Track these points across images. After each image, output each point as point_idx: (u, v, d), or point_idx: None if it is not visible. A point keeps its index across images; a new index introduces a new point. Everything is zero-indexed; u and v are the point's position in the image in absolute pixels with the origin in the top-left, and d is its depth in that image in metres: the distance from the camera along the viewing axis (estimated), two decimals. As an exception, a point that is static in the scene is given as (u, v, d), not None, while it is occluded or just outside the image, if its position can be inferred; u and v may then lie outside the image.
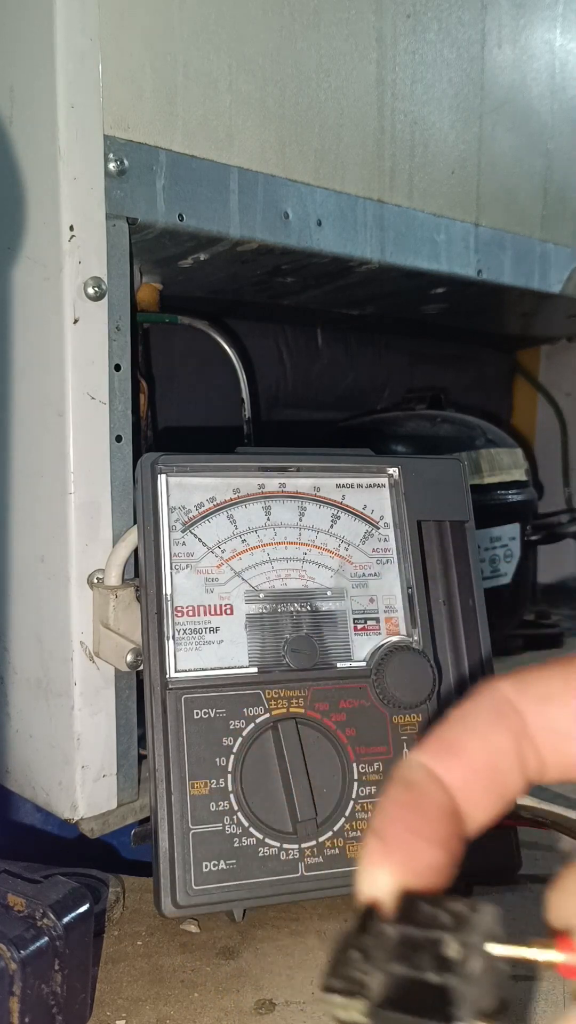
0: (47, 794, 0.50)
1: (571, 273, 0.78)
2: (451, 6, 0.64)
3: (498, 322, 0.94)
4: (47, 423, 0.47)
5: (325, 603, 0.46)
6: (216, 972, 0.40)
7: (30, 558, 0.50)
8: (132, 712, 0.50)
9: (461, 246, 0.67)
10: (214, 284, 0.67)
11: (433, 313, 0.83)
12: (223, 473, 0.46)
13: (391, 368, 0.98)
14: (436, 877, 0.20)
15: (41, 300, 0.47)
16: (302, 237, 0.56)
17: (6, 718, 0.54)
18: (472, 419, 0.83)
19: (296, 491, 0.47)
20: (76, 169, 0.45)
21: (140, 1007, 0.37)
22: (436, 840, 0.20)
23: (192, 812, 0.41)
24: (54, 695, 0.49)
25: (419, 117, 0.63)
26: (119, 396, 0.48)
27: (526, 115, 0.72)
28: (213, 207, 0.51)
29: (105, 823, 0.49)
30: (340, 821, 0.43)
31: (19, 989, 0.31)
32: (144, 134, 0.48)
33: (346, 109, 0.58)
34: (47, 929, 0.33)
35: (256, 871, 0.41)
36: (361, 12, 0.58)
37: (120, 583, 0.47)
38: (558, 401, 1.09)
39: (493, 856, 0.47)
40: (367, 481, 0.49)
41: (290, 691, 0.44)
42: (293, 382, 0.89)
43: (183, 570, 0.44)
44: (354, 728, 0.45)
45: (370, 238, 0.60)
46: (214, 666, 0.44)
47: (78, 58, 0.45)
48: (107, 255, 0.46)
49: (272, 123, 0.54)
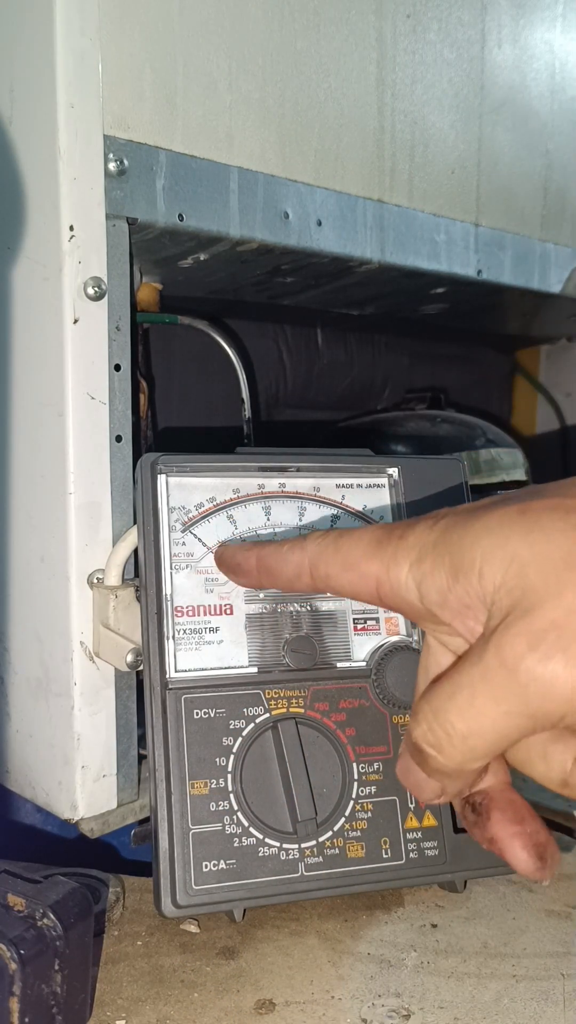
0: (47, 794, 0.50)
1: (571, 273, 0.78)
2: (451, 6, 0.64)
3: (498, 322, 0.94)
4: (47, 423, 0.47)
5: (325, 603, 0.46)
6: (216, 972, 0.40)
7: (30, 558, 0.50)
8: (132, 712, 0.50)
9: (461, 246, 0.67)
10: (214, 284, 0.67)
11: (433, 313, 0.83)
12: (223, 473, 0.46)
13: (391, 368, 0.98)
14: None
15: (41, 300, 0.47)
16: (302, 237, 0.56)
17: (6, 718, 0.54)
18: (472, 419, 0.83)
19: (296, 491, 0.47)
20: (76, 169, 0.45)
21: (140, 1007, 0.37)
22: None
23: (192, 812, 0.41)
24: (54, 695, 0.49)
25: (419, 117, 0.63)
26: (119, 396, 0.48)
27: (526, 115, 0.72)
28: (213, 207, 0.51)
29: (105, 823, 0.49)
30: (340, 821, 0.43)
31: (19, 989, 0.31)
32: (144, 134, 0.48)
33: (346, 109, 0.58)
34: (47, 929, 0.33)
35: (256, 871, 0.41)
36: (361, 12, 0.58)
37: (120, 583, 0.47)
38: (558, 401, 1.09)
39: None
40: (367, 481, 0.49)
41: (290, 691, 0.44)
42: (293, 382, 0.88)
43: (183, 570, 0.44)
44: (354, 728, 0.45)
45: (370, 238, 0.60)
46: (214, 666, 0.44)
47: (78, 58, 0.45)
48: (107, 255, 0.46)
49: (272, 123, 0.54)
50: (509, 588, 0.27)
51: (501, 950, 0.42)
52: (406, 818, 0.44)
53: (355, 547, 0.33)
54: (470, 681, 0.28)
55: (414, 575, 0.31)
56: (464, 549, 0.29)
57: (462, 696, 0.28)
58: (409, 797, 0.45)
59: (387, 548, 0.32)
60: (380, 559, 0.32)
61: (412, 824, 0.45)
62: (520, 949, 0.42)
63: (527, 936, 0.43)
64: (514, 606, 0.27)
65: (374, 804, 0.44)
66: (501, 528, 0.28)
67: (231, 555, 0.40)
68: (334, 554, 0.34)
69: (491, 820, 0.33)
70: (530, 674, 0.26)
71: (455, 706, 0.28)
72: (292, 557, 0.36)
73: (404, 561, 0.31)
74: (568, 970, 0.40)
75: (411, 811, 0.45)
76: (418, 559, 0.31)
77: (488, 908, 0.45)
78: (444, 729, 0.28)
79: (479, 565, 0.28)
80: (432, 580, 0.30)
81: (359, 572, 0.33)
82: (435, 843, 0.45)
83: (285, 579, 0.37)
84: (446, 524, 0.30)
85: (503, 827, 0.32)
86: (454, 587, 0.29)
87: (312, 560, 0.35)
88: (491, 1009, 0.37)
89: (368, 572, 0.32)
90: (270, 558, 0.38)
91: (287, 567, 0.36)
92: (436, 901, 0.46)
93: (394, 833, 0.44)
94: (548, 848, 0.32)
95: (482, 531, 0.29)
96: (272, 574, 0.38)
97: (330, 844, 0.43)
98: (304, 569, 0.36)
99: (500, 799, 0.33)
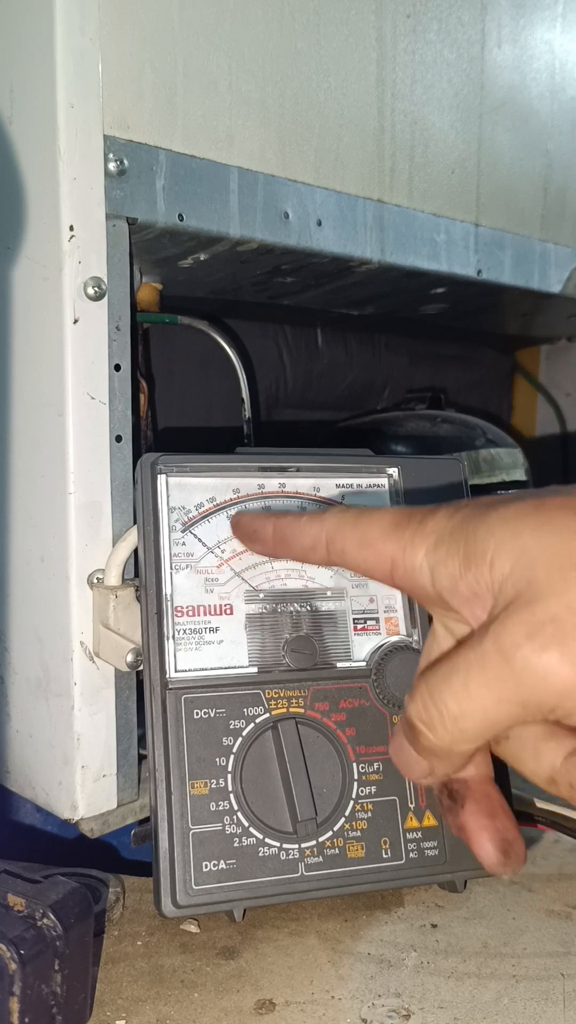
0: (47, 794, 0.50)
1: (571, 273, 0.78)
2: (451, 6, 0.64)
3: (498, 322, 0.94)
4: (47, 423, 0.47)
5: (325, 603, 0.46)
6: (216, 972, 0.40)
7: (30, 558, 0.50)
8: (132, 712, 0.50)
9: (461, 246, 0.67)
10: (214, 284, 0.67)
11: (433, 313, 0.83)
12: (223, 473, 0.46)
13: (391, 368, 0.98)
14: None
15: (41, 300, 0.47)
16: (302, 237, 0.56)
17: (6, 718, 0.54)
18: (472, 419, 0.83)
19: (296, 491, 0.47)
20: (76, 169, 0.45)
21: (140, 1007, 0.37)
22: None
23: (192, 812, 0.41)
24: (54, 695, 0.49)
25: (419, 117, 0.63)
26: (119, 396, 0.48)
27: (526, 115, 0.72)
28: (213, 207, 0.51)
29: (105, 823, 0.49)
30: (340, 821, 0.43)
31: (19, 989, 0.31)
32: (144, 134, 0.48)
33: (346, 109, 0.58)
34: (47, 929, 0.33)
35: (256, 871, 0.41)
36: (361, 12, 0.58)
37: (120, 583, 0.47)
38: (558, 401, 1.09)
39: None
40: (367, 481, 0.49)
41: (290, 691, 0.44)
42: (293, 382, 0.88)
43: (183, 570, 0.44)
44: (354, 728, 0.45)
45: (370, 238, 0.60)
46: (214, 666, 0.44)
47: (78, 58, 0.45)
48: (107, 255, 0.46)
49: (272, 123, 0.54)
50: (516, 579, 0.28)
51: (501, 950, 0.42)
52: (406, 818, 0.44)
53: (374, 526, 0.34)
54: (466, 664, 0.28)
55: (429, 560, 0.32)
56: (479, 539, 0.30)
57: (457, 678, 0.29)
58: (409, 797, 0.45)
59: (406, 531, 0.33)
60: (398, 541, 0.33)
61: (412, 824, 0.45)
62: (520, 949, 0.42)
63: (527, 936, 0.43)
64: (518, 596, 0.28)
65: (374, 804, 0.44)
66: (516, 521, 0.29)
67: (248, 522, 0.40)
68: (352, 530, 0.35)
69: (464, 809, 0.34)
70: (525, 663, 0.27)
71: (449, 687, 0.29)
72: (310, 529, 0.37)
73: (421, 545, 0.32)
74: (568, 970, 0.40)
75: (411, 811, 0.45)
76: (435, 545, 0.31)
77: (488, 908, 0.45)
78: (437, 708, 0.29)
79: (491, 555, 0.29)
80: (445, 566, 0.31)
81: (375, 551, 0.33)
82: (435, 843, 0.45)
83: (300, 550, 0.38)
84: (465, 514, 0.31)
85: (475, 818, 0.34)
86: (465, 575, 0.30)
87: (330, 534, 0.36)
88: (491, 1009, 0.37)
89: (384, 552, 0.33)
90: (288, 528, 0.38)
91: (304, 538, 0.37)
92: (436, 901, 0.46)
93: (394, 833, 0.44)
94: (514, 845, 0.34)
95: (497, 522, 0.30)
96: (288, 544, 0.38)
97: (330, 844, 0.43)
98: (321, 542, 0.36)
99: (477, 790, 0.34)
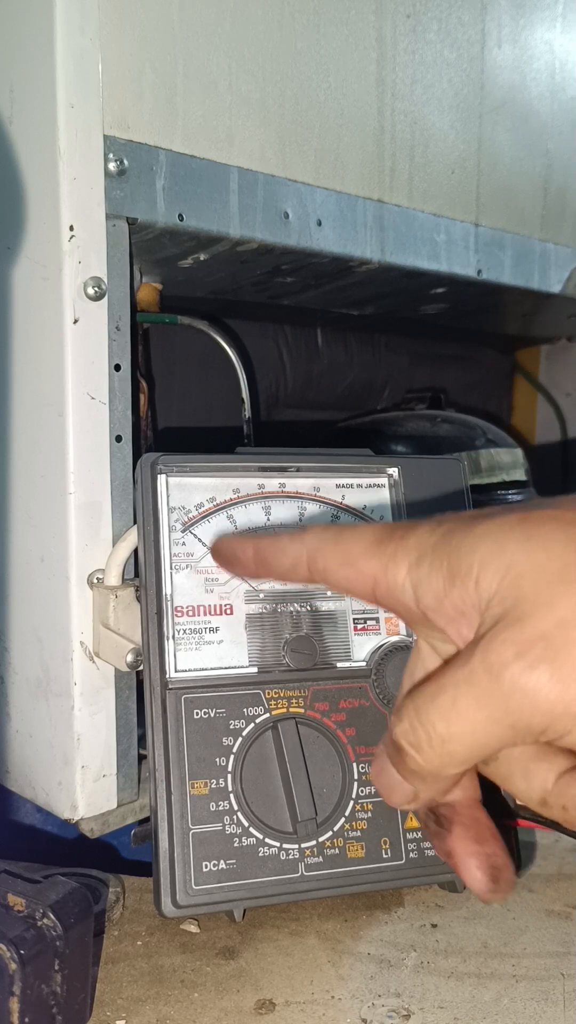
0: (47, 794, 0.50)
1: (571, 273, 0.78)
2: (451, 6, 0.64)
3: (498, 322, 0.94)
4: (47, 423, 0.47)
5: (325, 603, 0.46)
6: (216, 972, 0.40)
7: (30, 558, 0.50)
8: (132, 712, 0.50)
9: (461, 246, 0.67)
10: (214, 284, 0.67)
11: (433, 313, 0.83)
12: (223, 473, 0.46)
13: (391, 368, 0.98)
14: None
15: (41, 300, 0.47)
16: (302, 237, 0.56)
17: (6, 718, 0.54)
18: (472, 419, 0.83)
19: (296, 491, 0.47)
20: (76, 169, 0.45)
21: (140, 1007, 0.37)
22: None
23: (192, 812, 0.41)
24: (54, 695, 0.49)
25: (419, 117, 0.63)
26: (119, 396, 0.48)
27: (526, 115, 0.72)
28: (213, 207, 0.51)
29: (105, 823, 0.49)
30: (340, 821, 0.43)
31: (19, 989, 0.31)
32: (144, 134, 0.48)
33: (346, 109, 0.58)
34: (47, 929, 0.33)
35: (256, 871, 0.41)
36: (361, 12, 0.58)
37: (120, 583, 0.47)
38: (558, 401, 1.09)
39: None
40: (367, 481, 0.49)
41: (290, 691, 0.44)
42: (293, 382, 0.88)
43: (183, 570, 0.44)
44: (354, 728, 0.45)
45: (370, 238, 0.60)
46: (214, 666, 0.44)
47: (78, 58, 0.45)
48: (107, 255, 0.46)
49: (272, 123, 0.54)
50: (502, 596, 0.27)
51: (501, 950, 0.42)
52: (406, 818, 0.44)
53: (355, 544, 0.33)
54: (454, 683, 0.27)
55: (411, 577, 0.31)
56: (463, 555, 0.29)
57: (445, 697, 0.28)
58: (409, 797, 0.45)
59: (387, 548, 0.32)
60: (379, 558, 0.32)
61: (412, 824, 0.45)
62: (520, 949, 0.42)
63: (527, 936, 0.43)
64: (506, 614, 0.27)
65: (374, 804, 0.44)
66: (500, 535, 0.28)
67: (227, 546, 0.40)
68: (333, 549, 0.34)
69: (452, 835, 0.32)
70: (514, 682, 0.26)
71: (436, 707, 0.28)
72: (290, 549, 0.36)
73: (403, 562, 0.31)
74: (568, 970, 0.40)
75: (411, 811, 0.45)
76: (417, 561, 0.31)
77: (488, 908, 0.45)
78: (425, 729, 0.28)
79: (476, 572, 0.28)
80: (429, 584, 0.30)
81: (357, 569, 0.33)
82: (435, 843, 0.45)
83: (282, 570, 0.37)
84: (447, 528, 0.30)
85: (463, 844, 0.32)
86: (450, 592, 0.29)
87: (311, 553, 0.35)
88: (491, 1009, 0.37)
89: (366, 570, 0.32)
90: (268, 550, 0.38)
91: (284, 558, 0.36)
92: (436, 901, 0.46)
93: (394, 833, 0.44)
94: (503, 872, 0.32)
95: (481, 537, 0.29)
96: (268, 566, 0.38)
97: (330, 844, 0.43)
98: (301, 561, 0.35)
99: (465, 815, 0.33)
